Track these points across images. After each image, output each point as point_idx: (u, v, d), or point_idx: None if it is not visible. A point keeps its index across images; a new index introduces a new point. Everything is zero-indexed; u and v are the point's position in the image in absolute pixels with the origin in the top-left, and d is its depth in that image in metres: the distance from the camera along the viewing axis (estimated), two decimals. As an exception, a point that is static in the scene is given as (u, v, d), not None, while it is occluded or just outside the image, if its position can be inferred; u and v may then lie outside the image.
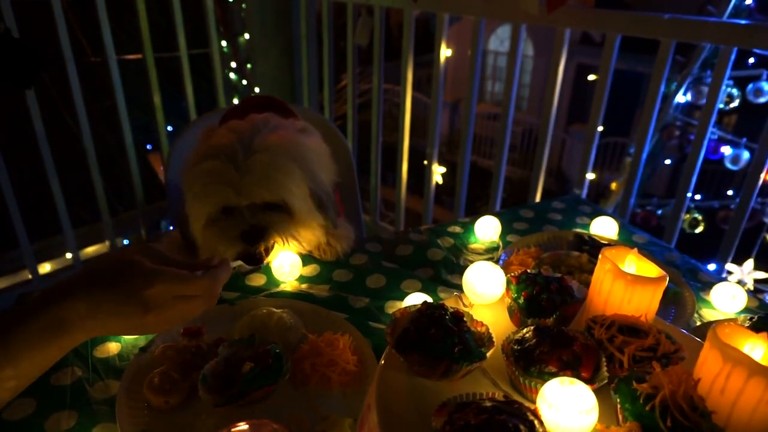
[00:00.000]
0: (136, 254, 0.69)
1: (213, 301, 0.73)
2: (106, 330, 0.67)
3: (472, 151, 2.43)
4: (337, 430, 0.71)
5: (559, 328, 0.64)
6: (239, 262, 0.96)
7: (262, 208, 0.98)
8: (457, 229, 1.30)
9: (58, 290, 0.64)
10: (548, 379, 0.56)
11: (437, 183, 2.61)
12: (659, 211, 3.08)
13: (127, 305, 0.65)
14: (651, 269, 0.70)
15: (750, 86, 2.61)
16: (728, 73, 1.69)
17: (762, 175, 1.74)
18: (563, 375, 0.57)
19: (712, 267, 1.98)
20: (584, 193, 2.11)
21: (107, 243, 2.74)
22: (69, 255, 2.59)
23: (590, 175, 2.09)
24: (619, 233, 1.27)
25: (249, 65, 2.97)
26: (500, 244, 1.22)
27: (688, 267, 1.17)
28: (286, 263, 1.07)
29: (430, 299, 0.91)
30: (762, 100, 2.59)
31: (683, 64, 2.85)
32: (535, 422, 0.51)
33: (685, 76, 2.83)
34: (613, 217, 1.28)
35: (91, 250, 2.79)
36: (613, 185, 3.21)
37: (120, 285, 0.65)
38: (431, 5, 2.26)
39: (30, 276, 2.45)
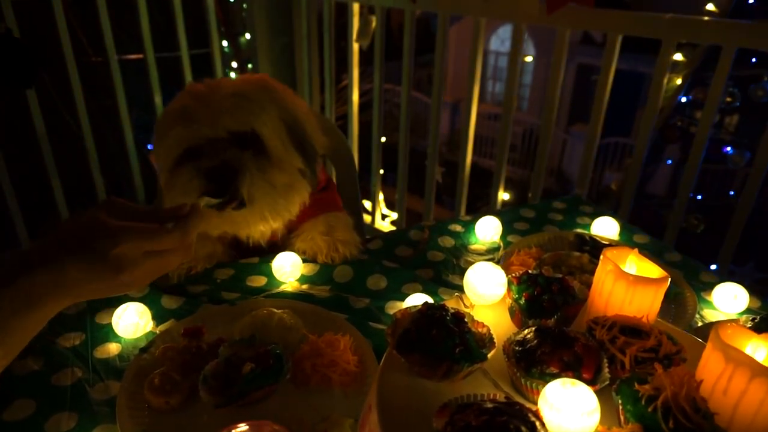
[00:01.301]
0: (100, 212, 0.65)
1: (187, 252, 0.70)
2: (82, 295, 0.64)
3: (473, 151, 2.42)
4: (338, 430, 0.71)
5: (560, 329, 0.64)
6: (206, 199, 0.86)
7: (230, 143, 0.91)
8: (458, 227, 1.29)
9: (22, 261, 0.61)
10: (549, 381, 0.56)
11: (438, 183, 2.61)
12: (660, 212, 3.07)
13: (96, 269, 0.62)
14: (652, 270, 0.70)
15: (751, 86, 2.61)
16: (729, 72, 1.68)
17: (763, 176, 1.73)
18: (565, 376, 0.57)
19: (713, 267, 1.98)
20: (585, 193, 2.11)
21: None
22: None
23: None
24: (620, 233, 1.27)
25: (250, 65, 2.97)
26: (501, 244, 1.22)
27: (689, 267, 1.17)
28: (287, 264, 1.07)
29: (431, 300, 0.91)
30: (763, 100, 2.58)
31: (685, 64, 2.85)
32: (537, 423, 0.51)
33: (687, 76, 2.82)
34: (614, 218, 1.28)
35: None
36: (614, 185, 3.21)
37: (85, 249, 0.61)
38: (431, 5, 2.25)
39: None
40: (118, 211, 0.66)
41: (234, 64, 2.98)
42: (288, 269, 1.07)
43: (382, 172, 2.85)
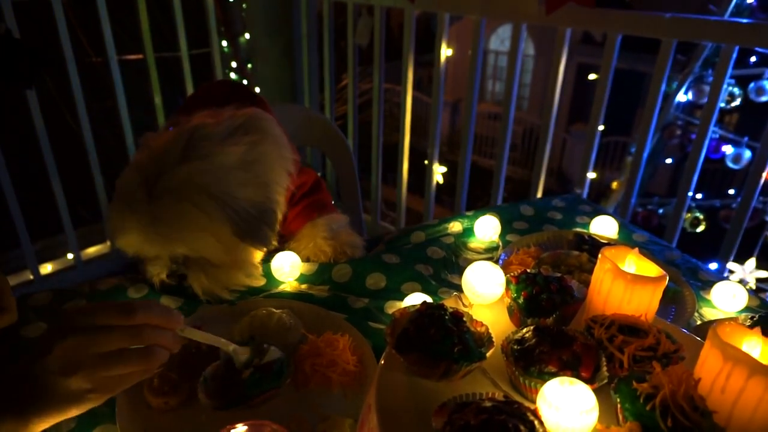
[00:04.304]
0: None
1: (139, 341, 0.63)
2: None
3: (473, 150, 2.43)
4: (338, 430, 0.71)
5: (558, 328, 0.64)
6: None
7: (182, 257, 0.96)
8: (459, 226, 1.29)
9: None
10: (548, 379, 0.56)
11: (438, 182, 2.61)
12: (660, 211, 3.07)
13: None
14: (651, 268, 0.70)
15: (752, 85, 2.61)
16: (730, 71, 1.68)
17: (763, 174, 1.73)
18: (563, 375, 0.57)
19: (713, 266, 1.98)
20: (585, 192, 2.11)
21: (108, 243, 2.74)
22: (70, 255, 2.59)
23: (591, 174, 2.09)
24: (619, 232, 1.27)
25: (249, 65, 2.97)
26: (500, 243, 1.22)
27: (689, 266, 1.17)
28: (286, 264, 1.07)
29: (429, 299, 0.91)
30: (763, 98, 2.58)
31: (684, 63, 2.85)
32: (535, 422, 0.51)
33: (687, 75, 2.82)
34: (613, 217, 1.28)
35: (92, 250, 2.79)
36: (614, 184, 3.21)
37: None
38: (431, 5, 2.26)
39: (32, 276, 2.45)
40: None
41: (233, 64, 2.98)
42: (287, 269, 1.07)
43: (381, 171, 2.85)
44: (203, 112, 1.04)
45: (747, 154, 2.76)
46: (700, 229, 2.86)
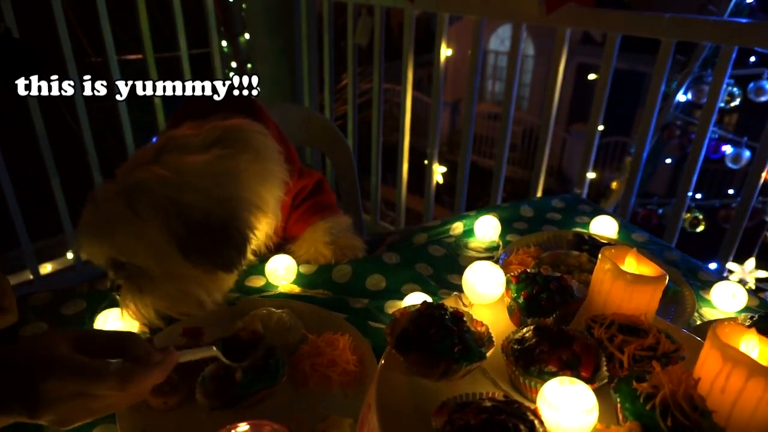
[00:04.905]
0: (53, 337, 0.61)
1: (130, 402, 0.64)
2: None
3: (473, 150, 2.42)
4: (337, 430, 0.71)
5: (558, 328, 0.64)
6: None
7: (111, 264, 0.91)
8: (460, 227, 1.29)
9: None
10: (548, 379, 0.56)
11: (438, 183, 2.61)
12: (660, 211, 3.07)
13: (11, 399, 0.56)
14: (650, 268, 0.70)
15: (751, 85, 2.61)
16: (729, 72, 1.68)
17: (763, 174, 1.73)
18: (563, 374, 0.57)
19: (713, 266, 1.98)
20: (584, 192, 2.11)
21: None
22: (70, 255, 2.59)
23: (591, 175, 2.09)
24: (619, 232, 1.27)
25: (249, 65, 2.97)
26: (500, 243, 1.22)
27: (688, 266, 1.17)
28: (281, 267, 1.06)
29: (429, 299, 0.91)
30: (763, 98, 2.58)
31: (684, 63, 2.85)
32: (536, 422, 0.51)
33: (686, 75, 2.82)
34: (613, 216, 1.28)
35: (91, 250, 2.79)
36: (614, 184, 3.21)
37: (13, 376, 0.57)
38: (431, 5, 2.26)
39: (31, 276, 2.45)
40: (83, 342, 0.62)
41: (233, 64, 2.98)
42: (281, 272, 1.06)
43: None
44: (188, 123, 1.00)
45: (746, 154, 2.76)
46: (700, 229, 2.86)
